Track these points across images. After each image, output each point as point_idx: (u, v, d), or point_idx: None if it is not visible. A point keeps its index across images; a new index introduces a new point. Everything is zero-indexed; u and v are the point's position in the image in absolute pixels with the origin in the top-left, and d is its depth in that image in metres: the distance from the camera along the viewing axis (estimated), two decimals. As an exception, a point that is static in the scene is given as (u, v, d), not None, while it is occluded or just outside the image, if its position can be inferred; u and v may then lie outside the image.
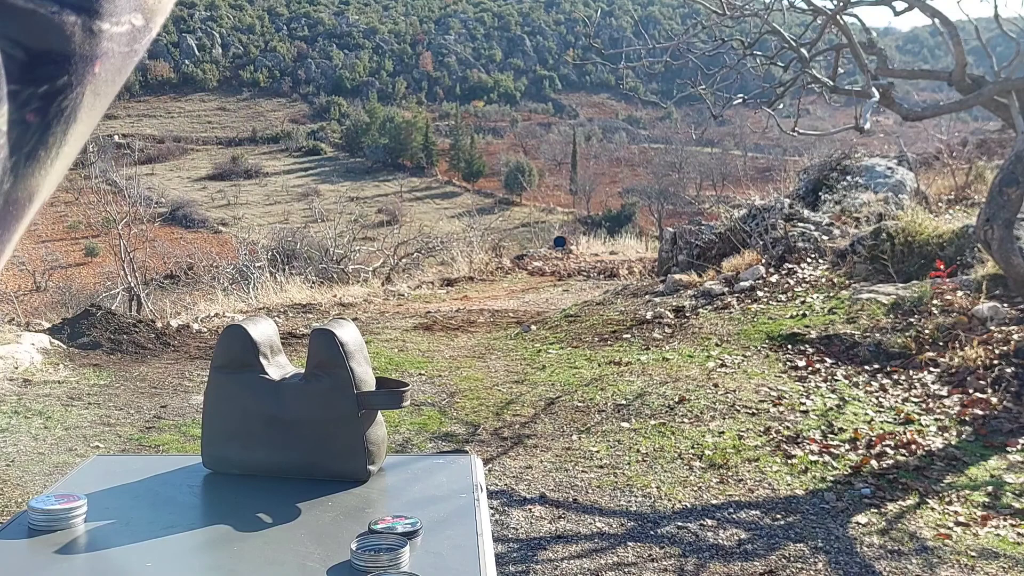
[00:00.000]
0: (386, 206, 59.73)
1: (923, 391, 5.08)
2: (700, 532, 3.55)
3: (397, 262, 16.35)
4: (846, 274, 7.34)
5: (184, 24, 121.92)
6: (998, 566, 3.21)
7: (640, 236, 25.25)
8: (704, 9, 6.57)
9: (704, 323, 7.01)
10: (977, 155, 10.73)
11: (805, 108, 8.02)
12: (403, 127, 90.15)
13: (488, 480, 4.10)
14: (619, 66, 8.20)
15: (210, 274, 12.41)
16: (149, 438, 4.96)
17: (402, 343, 7.67)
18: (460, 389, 5.87)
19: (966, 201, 8.99)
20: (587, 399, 5.37)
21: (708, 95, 6.85)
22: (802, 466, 4.19)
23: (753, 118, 58.30)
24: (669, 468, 4.25)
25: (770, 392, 5.25)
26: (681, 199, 52.54)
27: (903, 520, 3.61)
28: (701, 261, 9.52)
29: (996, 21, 5.78)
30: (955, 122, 15.58)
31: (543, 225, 42.41)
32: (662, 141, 79.72)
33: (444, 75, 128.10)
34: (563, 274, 14.40)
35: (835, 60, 6.26)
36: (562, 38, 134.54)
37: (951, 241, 7.05)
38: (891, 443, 4.37)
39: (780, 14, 6.62)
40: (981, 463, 4.13)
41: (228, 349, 1.42)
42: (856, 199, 9.38)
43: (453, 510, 1.28)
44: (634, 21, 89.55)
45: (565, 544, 3.50)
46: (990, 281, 5.99)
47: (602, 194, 69.35)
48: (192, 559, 1.15)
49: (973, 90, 5.57)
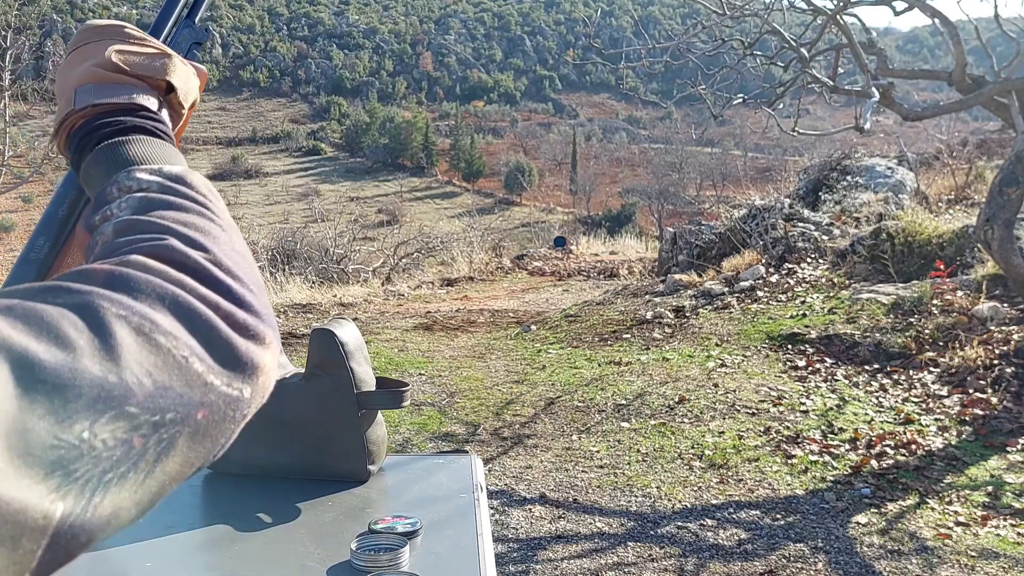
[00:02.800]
0: (386, 206, 59.73)
1: (923, 391, 5.08)
2: (700, 532, 3.55)
3: (397, 262, 16.35)
4: (846, 274, 7.34)
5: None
6: (998, 566, 3.21)
7: (640, 236, 25.25)
8: (704, 9, 6.57)
9: (704, 323, 7.01)
10: (977, 155, 10.73)
11: (805, 108, 8.02)
12: (403, 127, 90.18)
13: (488, 480, 4.10)
14: (619, 66, 8.20)
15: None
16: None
17: (402, 343, 7.67)
18: (460, 389, 5.87)
19: (966, 201, 8.98)
20: (587, 399, 5.37)
21: (708, 95, 6.85)
22: (802, 466, 4.19)
23: (753, 118, 58.32)
24: (669, 468, 4.25)
25: (770, 392, 5.25)
26: (681, 199, 52.56)
27: (903, 520, 3.61)
28: (701, 261, 9.52)
29: (996, 21, 5.77)
30: (955, 122, 15.58)
31: (543, 225, 42.42)
32: (662, 141, 79.75)
33: (444, 75, 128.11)
34: (563, 274, 14.40)
35: (835, 60, 6.26)
36: (562, 38, 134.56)
37: (951, 241, 7.05)
38: (891, 443, 4.37)
39: (780, 14, 6.62)
40: (981, 463, 4.13)
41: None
42: (856, 199, 9.38)
43: (453, 510, 1.27)
44: (634, 21, 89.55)
45: (565, 544, 3.50)
46: (990, 281, 5.99)
47: (602, 194, 69.37)
48: (192, 559, 1.15)
49: (973, 90, 5.57)
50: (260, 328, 0.47)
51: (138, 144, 0.63)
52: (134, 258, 0.47)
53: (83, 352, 0.40)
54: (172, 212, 0.53)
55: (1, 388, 0.37)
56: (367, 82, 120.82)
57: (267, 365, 0.48)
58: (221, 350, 0.45)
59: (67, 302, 0.42)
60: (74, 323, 0.41)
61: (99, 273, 0.45)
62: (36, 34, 30.55)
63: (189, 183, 0.58)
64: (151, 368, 0.42)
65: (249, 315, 0.47)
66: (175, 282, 0.46)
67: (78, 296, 0.43)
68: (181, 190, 0.56)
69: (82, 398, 0.39)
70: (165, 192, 0.56)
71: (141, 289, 0.45)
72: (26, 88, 13.15)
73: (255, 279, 0.51)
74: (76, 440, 0.39)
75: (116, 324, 0.42)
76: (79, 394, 0.39)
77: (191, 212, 0.54)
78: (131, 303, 0.43)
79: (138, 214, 0.53)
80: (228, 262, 0.50)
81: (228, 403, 0.45)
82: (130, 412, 0.41)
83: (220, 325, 0.45)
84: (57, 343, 0.40)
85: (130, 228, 0.52)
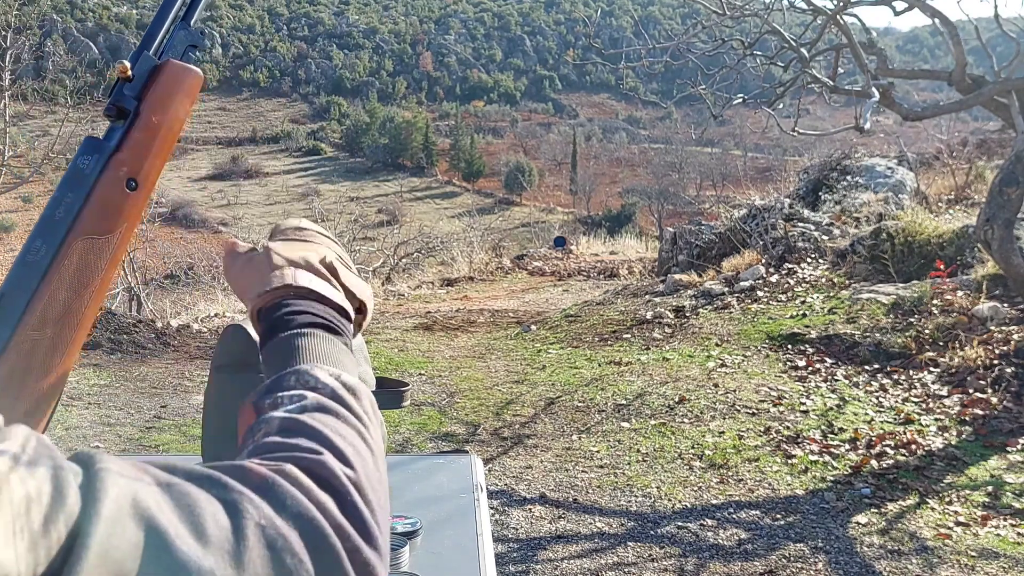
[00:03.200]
0: (386, 206, 59.67)
1: (923, 391, 5.08)
2: (700, 532, 3.55)
3: (397, 262, 16.35)
4: (846, 274, 7.34)
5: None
6: (998, 566, 3.21)
7: (640, 236, 25.25)
8: (704, 9, 6.57)
9: (704, 323, 7.01)
10: (977, 155, 10.73)
11: (805, 108, 8.02)
12: (403, 127, 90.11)
13: (488, 480, 4.10)
14: (619, 66, 8.20)
15: (210, 274, 12.39)
16: (149, 438, 4.96)
17: (402, 343, 7.67)
18: (460, 389, 5.87)
19: (966, 201, 8.98)
20: (587, 399, 5.37)
21: (708, 95, 6.85)
22: (802, 466, 4.19)
23: (753, 118, 58.36)
24: (669, 468, 4.25)
25: (770, 392, 5.25)
26: (681, 199, 52.52)
27: (903, 520, 3.61)
28: (701, 261, 9.52)
29: (996, 21, 5.77)
30: (955, 122, 15.58)
31: (543, 225, 42.39)
32: (662, 141, 79.71)
33: (444, 75, 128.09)
34: (563, 274, 14.40)
35: (835, 60, 6.26)
36: (562, 38, 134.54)
37: (951, 241, 7.05)
38: (891, 443, 4.37)
39: (780, 14, 6.62)
40: (981, 463, 4.13)
41: (228, 349, 1.42)
42: (856, 199, 9.38)
43: (453, 510, 1.27)
44: (634, 21, 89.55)
45: (565, 544, 3.50)
46: (990, 281, 5.99)
47: (602, 194, 69.33)
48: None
49: (973, 90, 5.57)
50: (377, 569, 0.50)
51: (327, 343, 0.67)
52: (289, 468, 0.50)
53: (215, 549, 0.43)
54: (336, 422, 0.57)
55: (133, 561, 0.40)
56: (367, 82, 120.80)
57: None
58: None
59: (219, 496, 0.45)
60: (217, 520, 0.44)
61: (254, 476, 0.48)
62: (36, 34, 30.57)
63: (359, 398, 0.61)
64: None
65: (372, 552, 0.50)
66: (317, 504, 0.48)
67: (230, 494, 0.46)
68: (351, 403, 0.60)
69: None
70: (337, 400, 0.59)
71: (286, 505, 0.47)
72: (26, 88, 13.15)
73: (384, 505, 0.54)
74: None
75: (253, 532, 0.45)
76: None
77: (351, 426, 0.57)
78: (272, 516, 0.46)
79: (305, 415, 0.57)
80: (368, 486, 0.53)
81: None
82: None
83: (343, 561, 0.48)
84: (195, 534, 0.43)
85: (294, 428, 0.55)
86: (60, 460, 0.41)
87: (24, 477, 0.39)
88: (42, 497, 0.39)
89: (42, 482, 0.39)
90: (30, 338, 0.65)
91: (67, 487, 0.40)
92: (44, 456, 0.41)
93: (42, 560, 0.37)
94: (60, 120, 12.50)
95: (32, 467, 0.39)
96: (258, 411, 0.59)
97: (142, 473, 0.44)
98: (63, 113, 12.81)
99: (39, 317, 0.66)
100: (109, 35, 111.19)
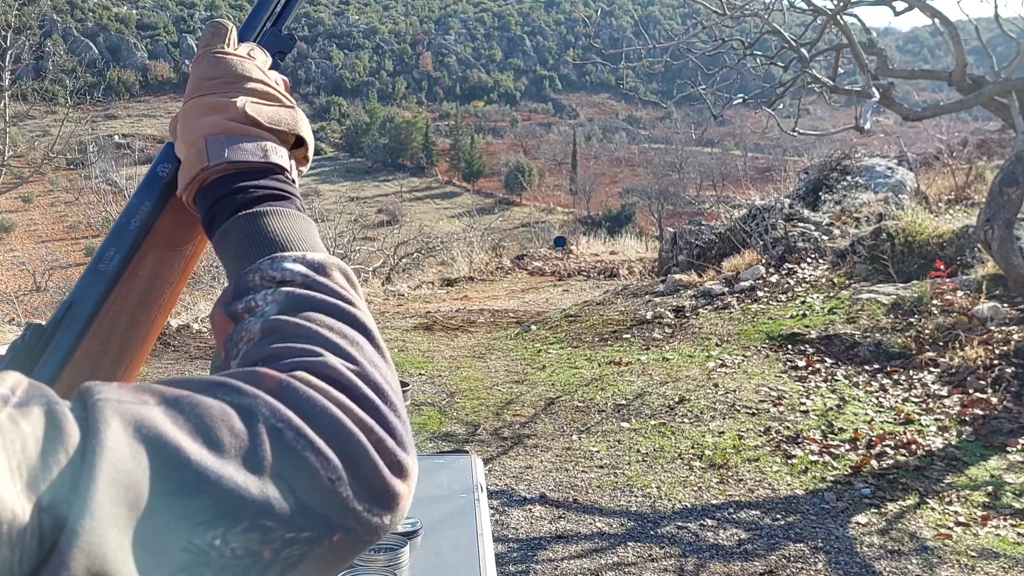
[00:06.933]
0: (386, 206, 59.70)
1: (923, 391, 5.08)
2: (700, 532, 3.55)
3: (397, 262, 16.36)
4: (846, 274, 7.34)
5: (184, 24, 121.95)
6: (998, 566, 3.21)
7: (640, 236, 25.25)
8: (704, 9, 6.57)
9: (704, 323, 7.01)
10: (977, 155, 10.73)
11: (805, 108, 8.02)
12: (403, 127, 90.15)
13: (488, 480, 4.10)
14: (619, 66, 8.20)
15: (210, 274, 12.40)
16: (149, 438, 4.95)
17: (402, 343, 7.67)
18: (460, 389, 5.87)
19: (966, 201, 8.98)
20: (587, 399, 5.37)
21: (708, 95, 6.86)
22: (802, 466, 4.19)
23: (753, 118, 58.31)
24: (669, 468, 4.25)
25: (770, 392, 5.25)
26: (681, 199, 52.54)
27: (903, 520, 3.61)
28: (701, 261, 9.52)
29: (996, 21, 5.78)
30: (955, 122, 15.59)
31: (543, 225, 42.41)
32: (662, 141, 79.73)
33: (444, 75, 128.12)
34: (563, 274, 14.41)
35: (835, 60, 6.26)
36: (562, 38, 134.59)
37: (951, 241, 7.04)
38: (891, 443, 4.37)
39: (780, 14, 6.62)
40: (981, 463, 4.13)
41: (228, 349, 1.42)
42: (856, 199, 9.38)
43: (453, 510, 1.27)
44: (634, 21, 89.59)
45: (565, 544, 3.50)
46: (990, 281, 5.99)
47: (602, 194, 69.33)
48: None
49: (973, 90, 5.57)
50: (406, 462, 0.48)
51: (276, 217, 0.61)
52: (300, 374, 0.48)
53: (232, 459, 0.41)
54: (320, 315, 0.53)
55: (145, 483, 0.38)
56: (367, 82, 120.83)
57: (406, 496, 0.48)
58: (368, 478, 0.46)
59: (233, 401, 0.44)
60: (232, 426, 0.42)
61: (269, 380, 0.46)
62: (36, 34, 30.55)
63: (331, 275, 0.57)
64: (296, 485, 0.43)
65: (397, 446, 0.48)
66: (336, 402, 0.47)
67: (244, 399, 0.44)
68: (325, 284, 0.56)
69: (221, 504, 0.40)
70: (310, 287, 0.55)
71: (303, 406, 0.45)
72: (26, 88, 13.15)
73: (396, 390, 0.52)
74: (206, 547, 0.40)
75: (271, 436, 0.43)
76: (218, 500, 0.40)
77: (336, 313, 0.54)
78: (291, 417, 0.44)
79: (285, 313, 0.53)
80: (375, 375, 0.51)
81: (367, 530, 0.46)
82: (266, 526, 0.41)
83: (372, 454, 0.46)
84: (210, 445, 0.41)
85: (278, 329, 0.52)
86: (54, 397, 0.40)
87: (15, 416, 0.38)
88: (37, 433, 0.38)
89: (36, 419, 0.38)
90: (96, 351, 0.63)
91: (64, 422, 0.39)
92: (37, 395, 0.39)
93: (45, 497, 0.36)
94: (60, 120, 12.51)
95: (24, 406, 0.38)
96: (233, 318, 0.55)
97: (145, 395, 0.42)
98: (63, 113, 12.82)
99: (106, 328, 0.64)
100: (109, 35, 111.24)
